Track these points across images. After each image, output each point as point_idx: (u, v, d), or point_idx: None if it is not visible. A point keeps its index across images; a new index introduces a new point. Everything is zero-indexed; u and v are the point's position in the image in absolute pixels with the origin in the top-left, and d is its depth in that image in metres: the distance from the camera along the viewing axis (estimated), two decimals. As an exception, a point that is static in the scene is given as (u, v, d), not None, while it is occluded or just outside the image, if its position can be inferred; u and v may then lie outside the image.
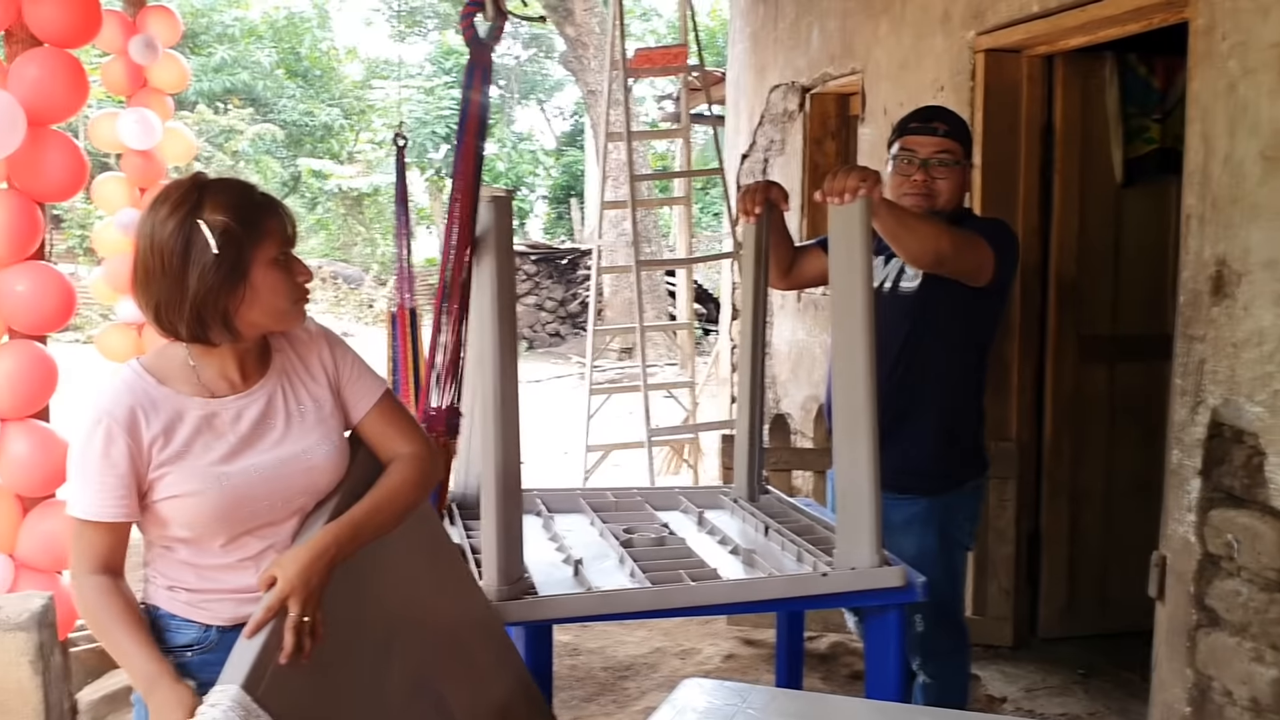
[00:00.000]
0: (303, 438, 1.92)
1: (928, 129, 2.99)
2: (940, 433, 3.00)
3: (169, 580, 1.90)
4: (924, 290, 2.97)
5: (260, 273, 1.81)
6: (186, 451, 1.83)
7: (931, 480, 3.00)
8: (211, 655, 1.86)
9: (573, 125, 30.13)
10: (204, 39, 23.94)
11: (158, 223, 1.78)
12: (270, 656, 1.70)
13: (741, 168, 6.69)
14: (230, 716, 1.60)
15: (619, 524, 2.92)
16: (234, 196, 1.81)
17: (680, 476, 7.82)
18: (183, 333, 1.82)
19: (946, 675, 3.10)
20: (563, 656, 4.30)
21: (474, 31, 2.44)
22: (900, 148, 3.02)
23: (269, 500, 1.88)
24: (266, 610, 1.74)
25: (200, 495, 1.82)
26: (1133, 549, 3.93)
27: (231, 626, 1.86)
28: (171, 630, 1.90)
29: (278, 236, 1.85)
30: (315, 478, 1.92)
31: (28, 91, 3.51)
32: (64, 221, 18.97)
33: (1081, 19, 3.55)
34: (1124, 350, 4.29)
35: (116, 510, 1.80)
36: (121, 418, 1.79)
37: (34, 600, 3.07)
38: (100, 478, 1.79)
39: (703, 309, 15.53)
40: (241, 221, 1.79)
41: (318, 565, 1.79)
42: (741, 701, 2.01)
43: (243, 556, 1.89)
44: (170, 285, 1.78)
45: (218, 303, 1.79)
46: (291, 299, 1.87)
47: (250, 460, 1.86)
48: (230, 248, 1.77)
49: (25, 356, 3.59)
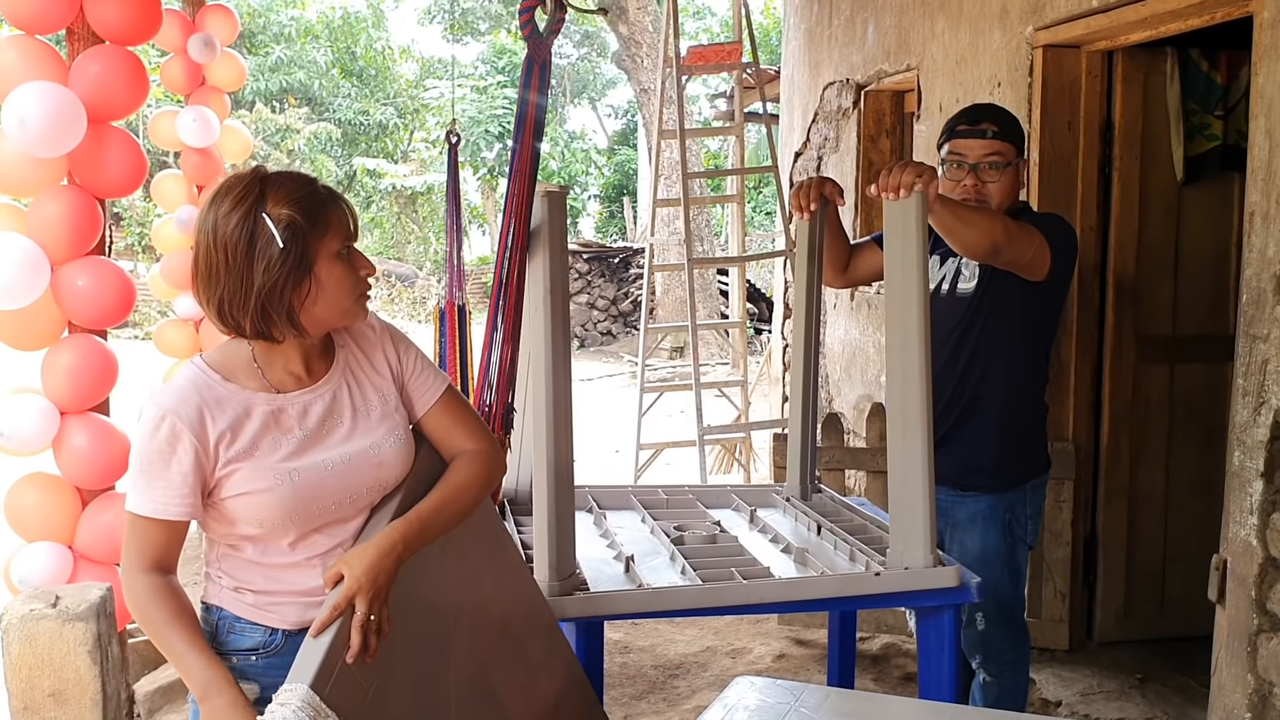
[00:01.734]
0: (370, 433, 1.90)
1: (976, 131, 2.94)
2: (1003, 431, 2.97)
3: (235, 581, 1.88)
4: (981, 290, 2.94)
5: (325, 266, 1.80)
6: (254, 448, 1.81)
7: (995, 478, 2.98)
8: (277, 659, 1.85)
9: (625, 124, 30.18)
10: (261, 39, 24.25)
11: (220, 217, 1.76)
12: (338, 655, 1.69)
13: (795, 165, 6.65)
14: (300, 715, 1.59)
15: (670, 521, 2.91)
16: (298, 189, 1.79)
17: (732, 475, 7.80)
18: (246, 328, 1.79)
19: (1007, 674, 3.07)
20: (613, 654, 4.30)
21: (533, 27, 2.44)
22: (949, 152, 2.98)
23: (338, 496, 1.86)
24: (333, 608, 1.72)
25: (270, 492, 1.80)
26: (1192, 552, 3.88)
27: (297, 630, 1.84)
28: (236, 633, 1.88)
29: (341, 230, 1.83)
30: (384, 473, 1.91)
31: (89, 89, 3.56)
32: (123, 219, 19.31)
33: (1143, 13, 3.50)
34: (1184, 350, 4.22)
35: (178, 508, 1.78)
36: (187, 415, 1.77)
37: (93, 591, 3.11)
38: (164, 475, 1.76)
39: (754, 308, 15.50)
40: (306, 214, 1.77)
41: (385, 563, 1.77)
42: (794, 700, 1.99)
43: (310, 555, 1.87)
44: (235, 280, 1.75)
45: (283, 297, 1.76)
46: (355, 293, 1.86)
47: (319, 456, 1.85)
48: (295, 241, 1.76)
49: (85, 350, 3.64)
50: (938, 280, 3.03)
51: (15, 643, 2.97)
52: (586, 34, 28.70)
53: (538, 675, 2.21)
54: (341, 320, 1.88)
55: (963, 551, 2.96)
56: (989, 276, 2.92)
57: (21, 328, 3.61)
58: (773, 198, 17.11)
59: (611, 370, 14.77)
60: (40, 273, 3.50)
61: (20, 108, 3.36)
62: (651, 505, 3.09)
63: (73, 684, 3.00)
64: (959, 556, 2.93)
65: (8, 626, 2.97)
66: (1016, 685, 3.09)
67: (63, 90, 3.47)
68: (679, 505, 3.13)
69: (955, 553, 2.95)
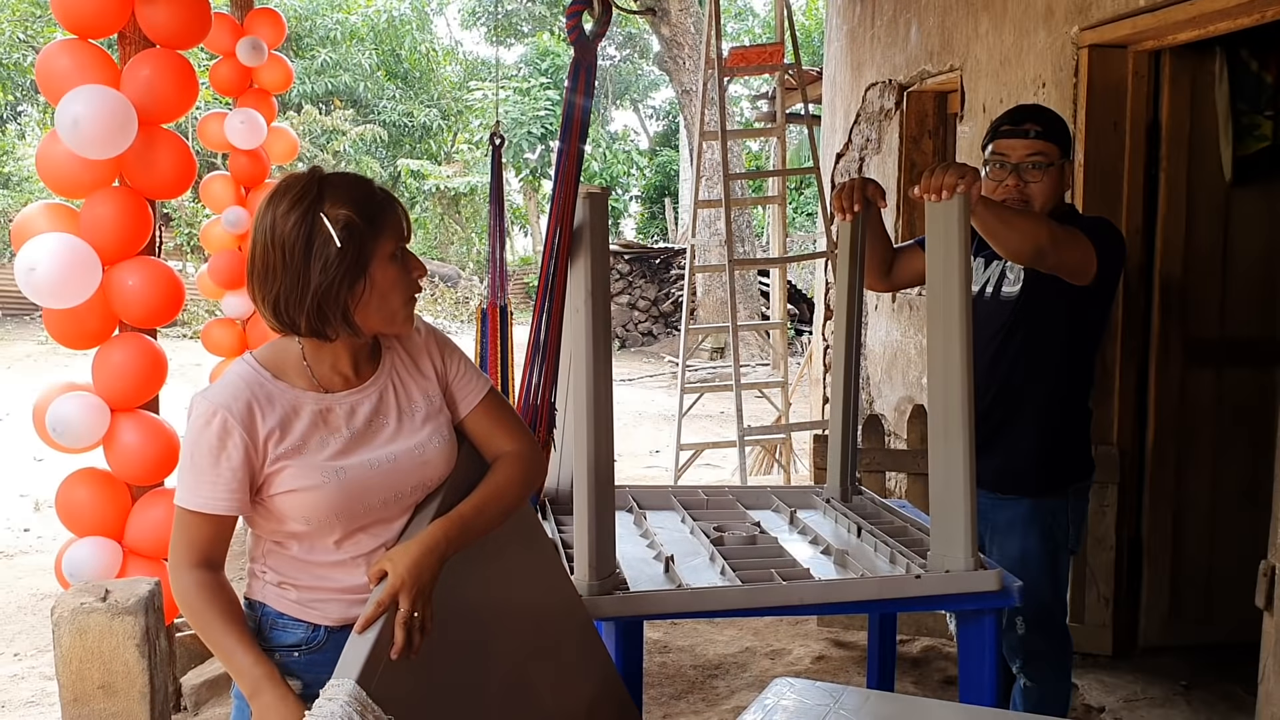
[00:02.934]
0: (415, 433, 1.92)
1: (1019, 131, 2.92)
2: (1045, 435, 2.95)
3: (280, 577, 1.90)
4: (1026, 295, 2.92)
5: (380, 267, 1.82)
6: (303, 446, 1.83)
7: (1035, 482, 2.96)
8: (319, 655, 1.87)
9: (667, 125, 30.18)
10: (307, 42, 24.46)
11: (279, 216, 1.78)
12: (383, 652, 1.71)
13: (837, 167, 6.63)
14: (347, 711, 1.61)
15: (710, 522, 2.92)
16: (355, 190, 1.81)
17: (772, 476, 7.78)
18: (302, 326, 1.81)
19: (1048, 680, 3.04)
20: (652, 654, 4.31)
21: (580, 30, 2.45)
22: (992, 152, 2.96)
23: (383, 495, 1.88)
24: (377, 605, 1.73)
25: (318, 489, 1.82)
26: (1239, 558, 3.82)
27: (340, 627, 1.87)
28: (279, 629, 1.90)
29: (396, 231, 1.85)
30: (428, 472, 1.93)
31: (140, 91, 3.61)
32: (173, 219, 19.55)
33: (1191, 12, 3.46)
34: (1232, 354, 4.17)
35: (227, 503, 1.80)
36: (238, 411, 1.79)
37: (141, 586, 3.16)
38: (213, 470, 1.78)
39: (795, 309, 15.47)
40: (363, 215, 1.79)
41: (428, 560, 1.79)
42: (833, 702, 1.99)
43: (355, 554, 1.88)
44: (291, 278, 1.77)
45: (339, 296, 1.78)
46: (406, 295, 1.87)
47: (366, 455, 1.87)
48: (353, 241, 1.78)
49: (135, 349, 3.70)
50: (981, 283, 3.01)
51: (66, 635, 3.02)
52: (629, 36, 28.76)
53: (573, 675, 2.22)
54: (388, 327, 1.89)
55: (1002, 555, 2.94)
56: (1034, 281, 2.89)
57: (74, 326, 3.68)
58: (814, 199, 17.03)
59: (652, 371, 14.78)
60: (92, 272, 3.56)
61: (73, 110, 3.42)
62: (691, 506, 3.10)
63: (121, 676, 3.05)
64: (999, 560, 2.90)
65: (59, 620, 3.03)
66: (1058, 690, 3.07)
67: (114, 93, 3.53)
68: (719, 506, 3.13)
69: (995, 556, 2.93)
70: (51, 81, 3.59)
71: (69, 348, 3.78)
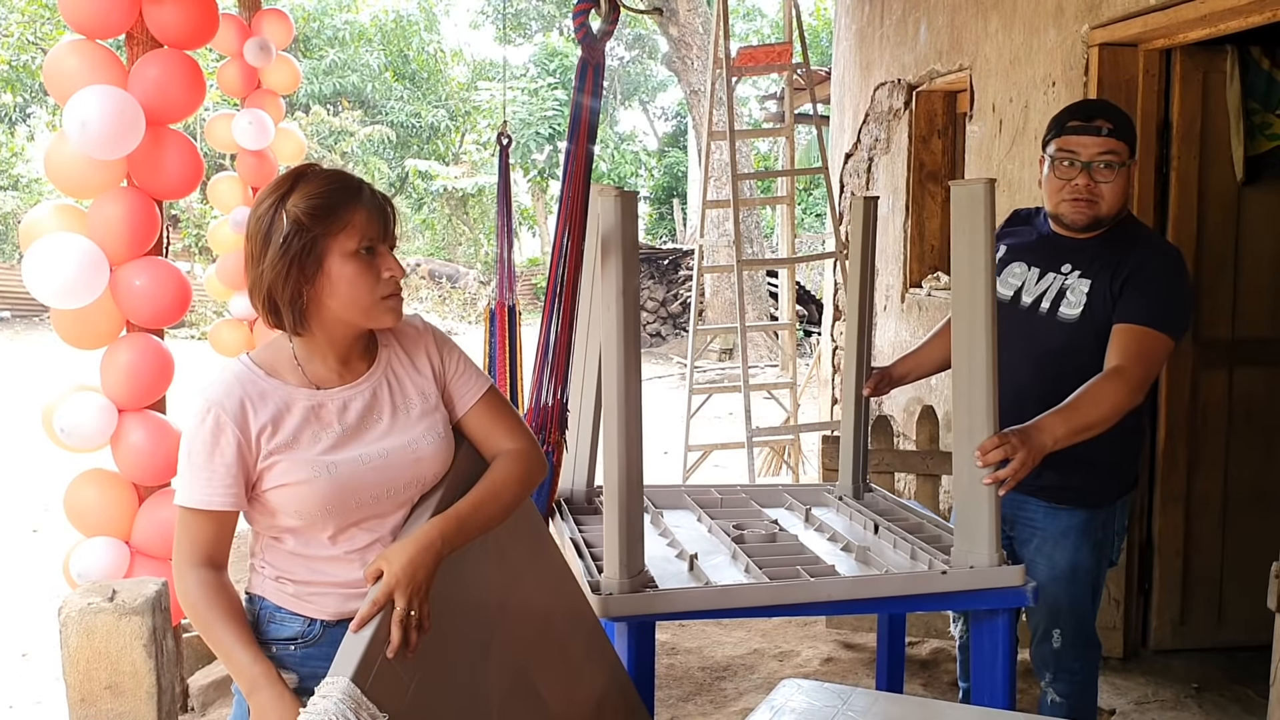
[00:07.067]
0: (408, 429, 1.93)
1: (1090, 128, 2.74)
2: (1103, 450, 2.77)
3: (277, 571, 1.92)
4: (1088, 321, 2.78)
5: (337, 264, 1.82)
6: (295, 441, 1.85)
7: (1092, 495, 2.86)
8: (315, 649, 1.89)
9: (675, 126, 30.18)
10: (315, 42, 24.51)
11: (255, 209, 1.84)
12: (378, 649, 1.71)
13: (846, 166, 6.62)
14: (341, 708, 1.61)
15: (728, 520, 2.90)
16: (321, 186, 1.83)
17: (780, 478, 7.77)
18: (269, 319, 1.87)
19: (1077, 695, 2.95)
20: (660, 655, 4.30)
21: (588, 30, 2.45)
22: (1058, 149, 2.78)
23: (375, 490, 1.89)
24: (373, 604, 1.74)
25: (310, 483, 1.83)
26: (1251, 560, 3.81)
27: (336, 621, 1.88)
28: (276, 623, 1.91)
29: (360, 229, 1.83)
30: (422, 469, 1.93)
31: (148, 92, 3.61)
32: (181, 220, 19.60)
33: (1202, 11, 3.44)
34: (1244, 354, 4.15)
35: (223, 499, 1.82)
36: (230, 408, 1.81)
37: (149, 586, 3.16)
38: (208, 467, 1.81)
39: (804, 310, 15.45)
40: (317, 210, 1.80)
41: (424, 558, 1.79)
42: (842, 704, 1.98)
43: (350, 549, 1.90)
44: (254, 270, 1.84)
45: (284, 289, 1.81)
46: (374, 295, 1.86)
47: (357, 450, 1.88)
48: (299, 236, 1.80)
49: (143, 349, 3.69)
50: (1036, 295, 2.87)
51: (73, 635, 3.02)
52: (637, 36, 28.75)
53: (580, 676, 2.21)
54: (365, 320, 1.89)
55: (1051, 566, 2.85)
56: (1097, 308, 2.76)
57: (81, 327, 3.68)
58: (822, 199, 17.01)
59: (661, 372, 14.77)
60: (100, 273, 3.55)
61: (81, 111, 3.42)
62: (706, 504, 3.09)
63: (128, 676, 3.05)
64: (1047, 570, 2.83)
65: (66, 619, 3.02)
66: (1085, 704, 3.00)
67: (122, 94, 3.52)
68: (733, 504, 3.12)
69: (1043, 566, 2.84)
70: (59, 82, 3.59)
71: (76, 348, 3.78)
